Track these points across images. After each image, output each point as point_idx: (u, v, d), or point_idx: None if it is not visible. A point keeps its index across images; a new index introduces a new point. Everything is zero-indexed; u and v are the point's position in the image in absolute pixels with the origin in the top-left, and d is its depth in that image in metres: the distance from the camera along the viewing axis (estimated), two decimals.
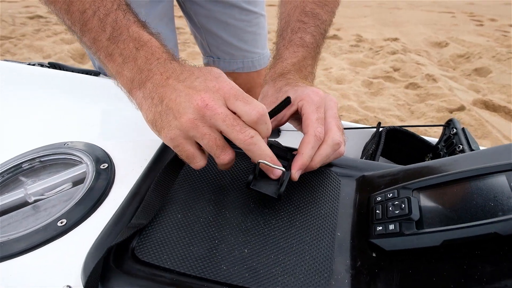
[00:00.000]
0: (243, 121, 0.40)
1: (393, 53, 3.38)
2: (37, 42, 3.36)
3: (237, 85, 0.42)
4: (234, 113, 0.41)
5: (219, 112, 0.39)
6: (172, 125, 0.41)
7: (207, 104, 0.39)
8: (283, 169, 0.44)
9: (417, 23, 4.71)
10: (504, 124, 2.20)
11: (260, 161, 0.44)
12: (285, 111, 0.50)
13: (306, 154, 0.44)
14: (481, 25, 4.64)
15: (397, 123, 2.18)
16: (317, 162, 0.46)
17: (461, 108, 2.30)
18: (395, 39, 3.92)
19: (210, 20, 0.93)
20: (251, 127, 0.41)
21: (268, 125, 0.42)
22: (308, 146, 0.45)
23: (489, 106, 2.42)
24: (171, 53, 0.46)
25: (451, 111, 2.29)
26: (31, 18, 4.13)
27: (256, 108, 0.40)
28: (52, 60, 2.84)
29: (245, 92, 0.42)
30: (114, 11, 0.46)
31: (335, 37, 4.01)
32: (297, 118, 0.51)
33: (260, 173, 0.44)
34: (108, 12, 0.46)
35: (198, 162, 0.43)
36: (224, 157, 0.42)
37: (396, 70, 3.03)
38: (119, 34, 0.45)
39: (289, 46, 0.56)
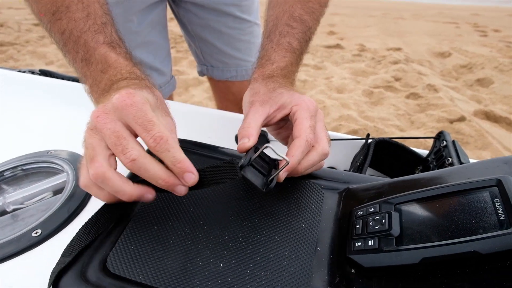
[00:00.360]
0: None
1: (395, 62, 3.38)
2: (41, 48, 3.40)
3: (146, 107, 0.38)
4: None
5: (107, 127, 0.37)
6: None
7: (98, 116, 0.38)
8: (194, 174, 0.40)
9: (421, 33, 4.71)
10: (504, 135, 2.18)
11: (267, 144, 0.41)
12: (276, 113, 0.49)
13: (296, 157, 0.44)
14: (485, 35, 4.65)
15: (397, 133, 2.17)
16: (303, 168, 0.46)
17: (462, 119, 2.28)
18: (398, 49, 3.92)
19: (204, 29, 0.93)
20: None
21: (172, 153, 0.37)
22: (299, 149, 0.44)
23: (490, 116, 2.40)
24: (136, 72, 0.45)
25: (451, 122, 2.27)
26: (36, 25, 4.18)
27: (154, 136, 0.37)
28: (54, 66, 2.87)
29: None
30: (84, 32, 0.46)
31: (338, 46, 4.03)
32: (283, 120, 0.50)
33: (254, 162, 0.43)
34: (80, 33, 0.46)
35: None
36: (91, 170, 0.37)
37: (397, 79, 3.02)
38: (89, 57, 0.46)
39: (277, 49, 0.55)
